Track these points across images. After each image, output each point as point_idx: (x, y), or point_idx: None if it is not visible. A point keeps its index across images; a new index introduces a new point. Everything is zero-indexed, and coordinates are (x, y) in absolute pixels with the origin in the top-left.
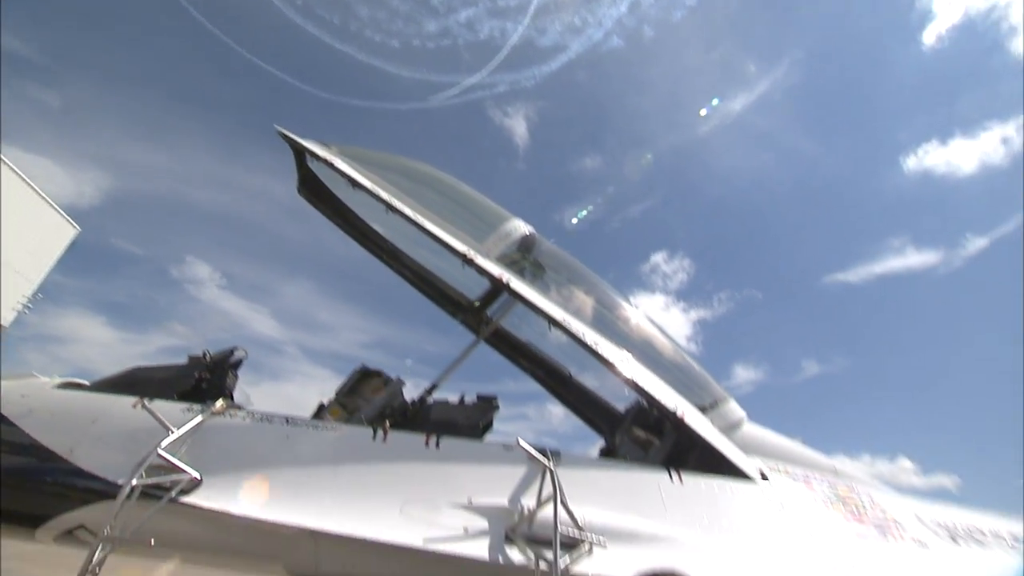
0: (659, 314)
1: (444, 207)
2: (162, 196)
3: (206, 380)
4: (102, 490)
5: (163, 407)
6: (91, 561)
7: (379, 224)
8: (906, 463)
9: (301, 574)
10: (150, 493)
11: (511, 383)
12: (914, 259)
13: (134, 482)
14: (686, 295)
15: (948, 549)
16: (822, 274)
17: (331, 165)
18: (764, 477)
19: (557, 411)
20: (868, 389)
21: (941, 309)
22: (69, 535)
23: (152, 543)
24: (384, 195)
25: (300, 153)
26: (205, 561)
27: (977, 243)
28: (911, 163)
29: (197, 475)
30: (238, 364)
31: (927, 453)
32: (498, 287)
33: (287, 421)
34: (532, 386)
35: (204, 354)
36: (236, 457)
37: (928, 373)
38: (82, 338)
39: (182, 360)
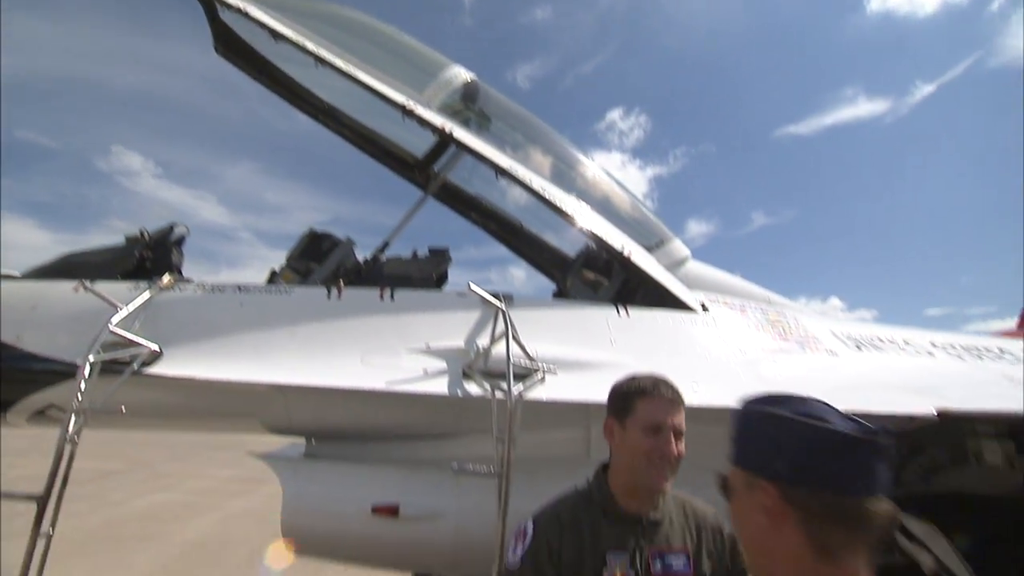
0: (616, 173)
1: (377, 57)
2: (62, 78)
3: (149, 259)
4: (62, 371)
5: (107, 287)
6: (67, 431)
7: (310, 81)
8: (836, 301)
9: (275, 426)
10: (111, 369)
11: (472, 250)
12: (864, 108)
13: (92, 358)
14: (643, 152)
15: (853, 355)
16: (775, 127)
17: (246, 14)
18: (705, 308)
19: (519, 274)
20: (809, 238)
21: (883, 157)
22: (41, 415)
23: (123, 411)
24: (311, 46)
25: (209, 4)
26: (181, 426)
27: (924, 90)
28: (875, 3)
29: (156, 347)
30: (181, 240)
31: (854, 292)
32: (443, 138)
33: (239, 289)
34: (494, 251)
35: (142, 233)
36: (192, 327)
37: (862, 219)
38: (16, 244)
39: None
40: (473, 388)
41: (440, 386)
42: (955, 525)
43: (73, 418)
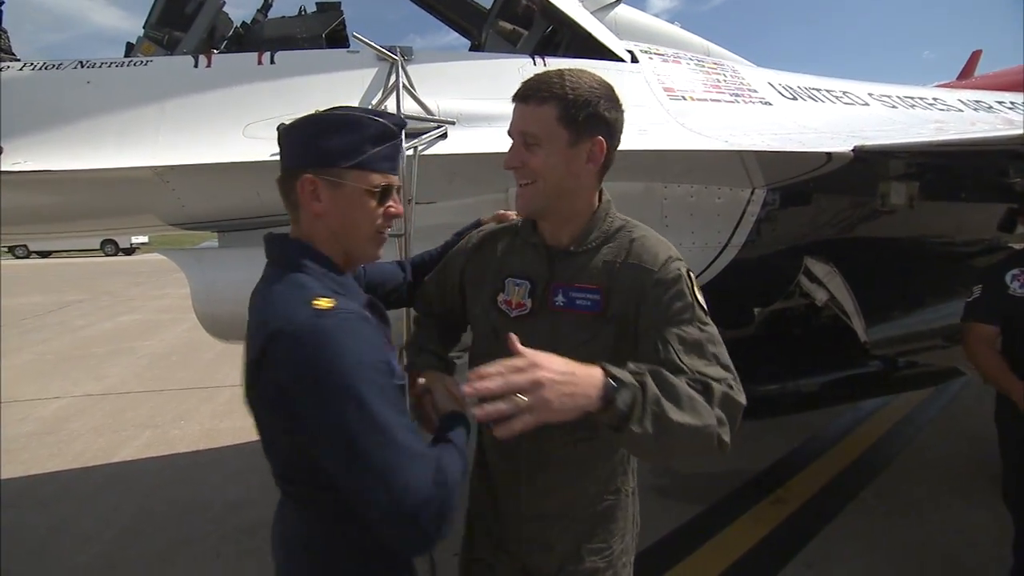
0: None
1: None
2: None
3: None
4: None
5: None
6: None
7: None
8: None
9: (174, 219)
10: None
11: (418, 40)
12: None
13: None
14: None
15: (787, 105)
16: None
17: None
18: (635, 59)
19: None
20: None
21: None
22: None
23: None
24: None
25: None
26: (71, 229)
27: None
28: None
29: None
30: None
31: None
32: None
33: (81, 64)
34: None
35: None
36: (31, 114)
37: None
38: None
39: None
40: None
41: None
42: (856, 265)
43: None
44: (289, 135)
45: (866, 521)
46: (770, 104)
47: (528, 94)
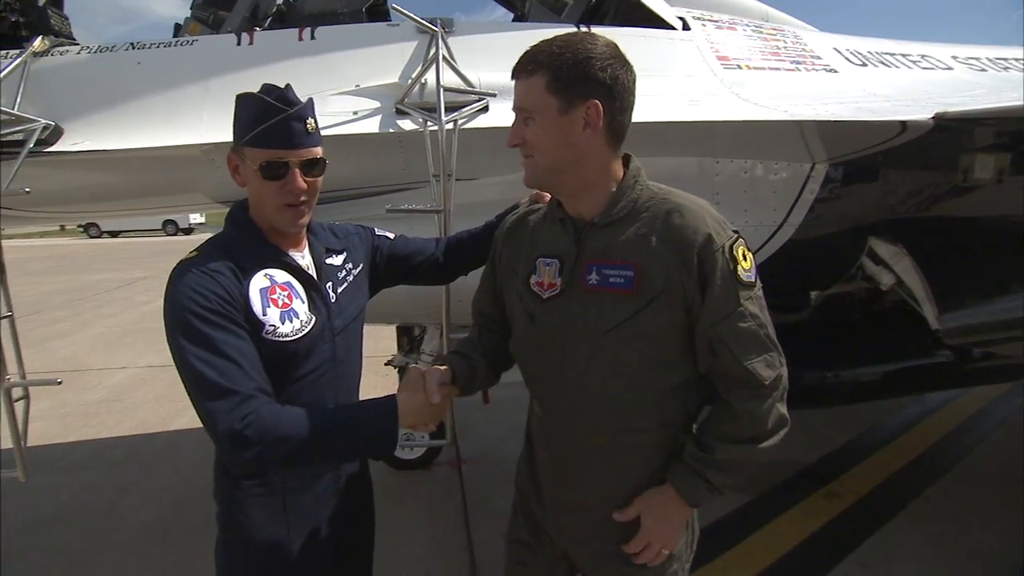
0: None
1: None
2: None
3: (20, 23)
4: None
5: None
6: None
7: None
8: None
9: (221, 196)
10: (9, 153)
11: (462, 16)
12: None
13: None
14: None
15: (855, 71)
16: None
17: None
18: (686, 27)
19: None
20: None
21: None
22: None
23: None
24: None
25: None
26: (125, 208)
27: None
28: None
29: (51, 123)
30: (58, 1)
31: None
32: None
33: (133, 46)
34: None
35: None
36: (89, 96)
37: None
38: None
39: None
40: (407, 123)
41: (371, 125)
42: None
43: None
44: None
45: (928, 523)
46: (836, 71)
47: (519, 68)
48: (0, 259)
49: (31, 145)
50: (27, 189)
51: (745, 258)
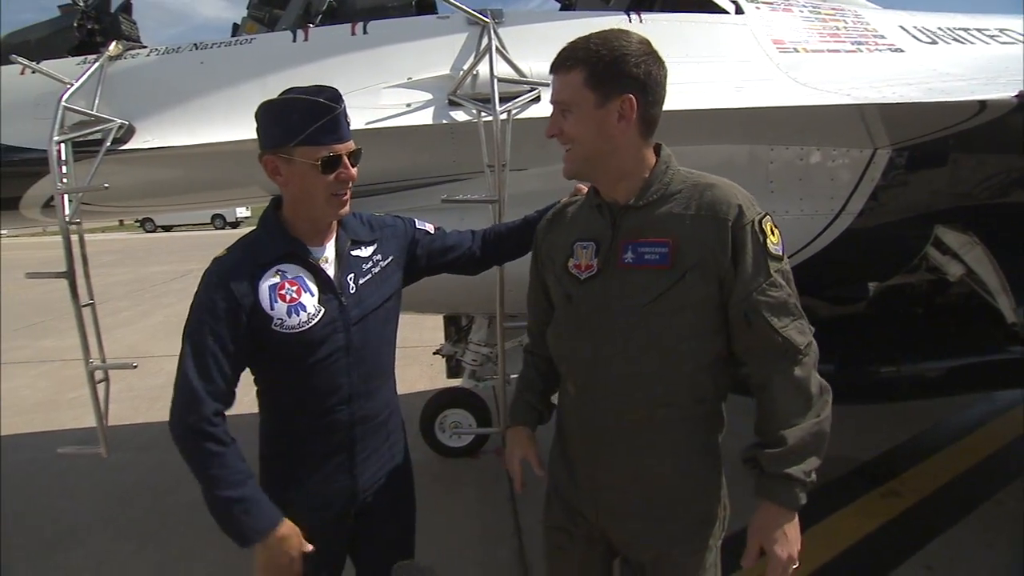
0: None
1: None
2: None
3: (96, 30)
4: (42, 158)
5: (55, 66)
6: (63, 214)
7: None
8: None
9: (274, 189)
10: (89, 151)
11: (506, 7)
12: None
13: (57, 138)
14: None
15: (924, 50)
16: None
17: None
18: (739, 10)
19: None
20: None
21: None
22: (49, 206)
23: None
24: None
25: None
26: (190, 201)
27: None
28: None
29: (125, 122)
30: (127, 7)
31: None
32: None
33: (196, 47)
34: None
35: (74, 0)
36: (157, 96)
37: None
38: None
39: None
40: (460, 114)
41: (425, 117)
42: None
43: (65, 200)
44: (257, 123)
45: (1001, 528)
46: (902, 51)
47: (557, 63)
48: (83, 252)
49: (108, 144)
50: (106, 185)
51: (773, 232)
